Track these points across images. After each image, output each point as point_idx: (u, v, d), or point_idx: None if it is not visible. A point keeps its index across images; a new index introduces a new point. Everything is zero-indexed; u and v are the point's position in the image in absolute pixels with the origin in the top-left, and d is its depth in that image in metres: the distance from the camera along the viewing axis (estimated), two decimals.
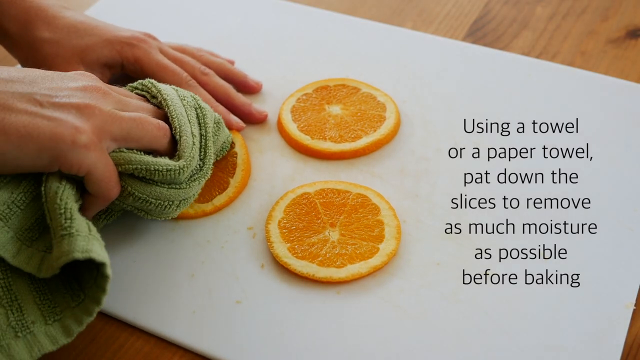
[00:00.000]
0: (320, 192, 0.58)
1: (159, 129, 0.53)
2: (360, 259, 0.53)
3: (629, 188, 0.58)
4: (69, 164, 0.48)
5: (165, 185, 0.52)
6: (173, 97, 0.56)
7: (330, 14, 0.78)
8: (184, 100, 0.56)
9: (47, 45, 0.62)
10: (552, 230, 0.56)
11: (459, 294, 0.52)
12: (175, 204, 0.54)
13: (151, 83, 0.57)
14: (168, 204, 0.53)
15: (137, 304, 0.53)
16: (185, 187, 0.53)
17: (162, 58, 0.64)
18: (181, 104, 0.56)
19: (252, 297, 0.53)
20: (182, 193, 0.53)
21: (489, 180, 0.60)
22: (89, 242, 0.46)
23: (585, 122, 0.64)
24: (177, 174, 0.52)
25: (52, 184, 0.49)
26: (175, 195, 0.53)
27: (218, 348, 0.50)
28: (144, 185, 0.52)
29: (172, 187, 0.53)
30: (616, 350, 0.49)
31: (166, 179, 0.52)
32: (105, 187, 0.50)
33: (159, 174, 0.51)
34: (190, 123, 0.55)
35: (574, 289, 0.52)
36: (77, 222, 0.47)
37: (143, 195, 0.52)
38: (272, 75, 0.70)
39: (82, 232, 0.47)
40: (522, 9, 0.78)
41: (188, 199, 0.55)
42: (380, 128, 0.63)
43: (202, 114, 0.56)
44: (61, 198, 0.48)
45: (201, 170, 0.55)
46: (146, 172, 0.51)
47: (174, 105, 0.55)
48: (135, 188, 0.52)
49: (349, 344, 0.50)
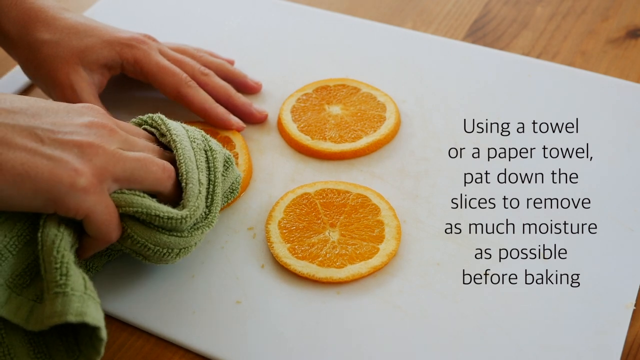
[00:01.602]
0: (320, 193, 0.58)
1: (163, 171, 0.51)
2: (360, 259, 0.53)
3: (629, 188, 0.58)
4: (66, 207, 0.46)
5: (166, 232, 0.50)
6: (183, 138, 0.53)
7: (330, 14, 0.78)
8: (194, 142, 0.54)
9: (46, 46, 0.61)
10: (552, 230, 0.56)
11: (459, 294, 0.52)
12: (175, 252, 0.51)
13: (161, 120, 0.55)
14: (167, 252, 0.50)
15: (137, 304, 0.53)
16: (187, 236, 0.51)
17: (162, 59, 0.64)
18: (190, 146, 0.53)
19: (252, 297, 0.53)
20: (183, 241, 0.51)
21: (489, 180, 0.60)
22: (84, 303, 0.44)
23: (585, 122, 0.64)
24: (178, 223, 0.49)
25: (49, 231, 0.47)
26: (176, 243, 0.50)
27: (218, 348, 0.50)
28: (144, 229, 0.49)
29: (172, 235, 0.50)
30: (616, 350, 0.49)
31: (167, 226, 0.50)
32: (104, 231, 0.48)
33: (159, 220, 0.49)
34: (199, 169, 0.52)
35: (574, 289, 0.52)
36: (73, 278, 0.45)
37: (142, 240, 0.49)
38: (272, 75, 0.70)
39: (77, 291, 0.44)
40: (522, 9, 0.78)
41: (189, 247, 0.52)
42: (381, 128, 0.63)
43: (213, 157, 0.54)
44: (58, 250, 0.46)
45: (206, 219, 0.52)
46: (147, 216, 0.49)
47: (182, 149, 0.52)
48: (134, 231, 0.49)
49: (349, 344, 0.50)
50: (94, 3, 0.81)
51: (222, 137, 0.63)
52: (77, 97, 0.61)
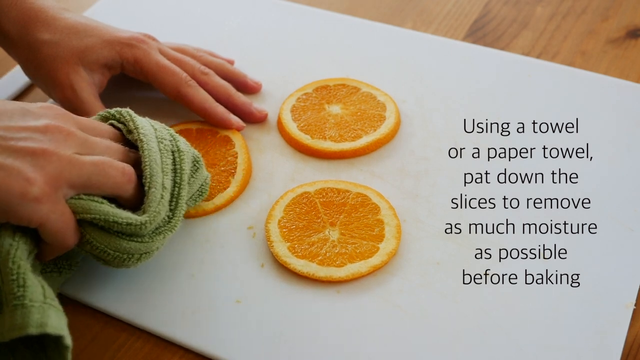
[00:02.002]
0: (320, 192, 0.58)
1: (123, 175, 0.49)
2: (360, 258, 0.53)
3: (629, 188, 0.58)
4: (19, 217, 0.46)
5: (126, 237, 0.49)
6: (150, 138, 0.52)
7: (330, 14, 0.78)
8: (162, 142, 0.52)
9: (46, 46, 0.61)
10: (552, 230, 0.56)
11: (459, 294, 0.52)
12: (136, 257, 0.50)
13: (129, 115, 0.54)
14: (127, 257, 0.49)
15: (137, 304, 0.53)
16: (147, 241, 0.50)
17: (162, 59, 0.64)
18: (157, 147, 0.51)
19: (252, 296, 0.53)
20: (144, 247, 0.50)
21: (489, 180, 0.60)
22: (44, 313, 0.43)
23: (585, 122, 0.64)
24: (138, 229, 0.48)
25: (4, 241, 0.46)
26: (136, 248, 0.49)
27: (218, 348, 0.50)
28: (103, 235, 0.48)
29: (132, 240, 0.49)
30: (616, 350, 0.49)
31: (126, 232, 0.48)
32: (60, 238, 0.47)
33: (118, 226, 0.48)
34: (164, 172, 0.51)
35: (574, 289, 0.52)
36: (31, 289, 0.44)
37: (101, 246, 0.48)
38: (272, 75, 0.70)
39: (37, 302, 0.44)
40: (522, 9, 0.78)
41: (150, 252, 0.51)
42: (380, 127, 0.63)
43: (180, 159, 0.52)
44: (14, 260, 0.45)
45: (169, 223, 0.51)
46: (105, 222, 0.48)
47: (149, 150, 0.51)
48: (93, 237, 0.48)
49: (348, 344, 0.50)
50: (94, 3, 0.81)
51: (222, 136, 0.63)
52: (77, 97, 0.61)
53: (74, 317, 0.53)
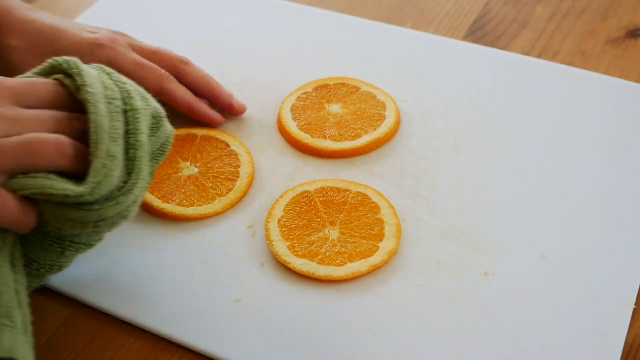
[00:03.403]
0: (320, 191, 0.58)
1: (57, 151, 0.45)
2: (360, 257, 0.53)
3: (629, 188, 0.58)
4: None
5: (75, 207, 0.45)
6: (98, 99, 0.47)
7: (330, 14, 0.78)
8: (112, 104, 0.47)
9: (15, 53, 0.60)
10: (552, 230, 0.56)
11: (459, 294, 0.52)
12: (90, 227, 0.46)
13: (77, 68, 0.48)
14: (82, 226, 0.46)
15: (137, 304, 0.53)
16: (97, 209, 0.45)
17: (137, 57, 0.62)
18: (107, 110, 0.47)
19: (252, 295, 0.53)
20: (95, 215, 0.45)
21: (489, 180, 0.60)
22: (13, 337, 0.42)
23: (585, 122, 0.64)
24: (77, 199, 0.45)
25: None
26: (87, 217, 0.45)
27: (218, 348, 0.50)
28: (52, 206, 0.46)
29: (82, 209, 0.45)
30: (616, 350, 0.49)
31: (67, 203, 0.45)
32: (8, 222, 0.45)
33: (56, 197, 0.45)
34: (111, 138, 0.46)
35: (574, 289, 0.52)
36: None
37: (54, 217, 0.46)
38: (272, 75, 0.70)
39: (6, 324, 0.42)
40: (522, 9, 0.78)
41: (110, 219, 0.46)
42: (381, 127, 0.63)
43: (134, 119, 0.48)
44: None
45: (122, 189, 0.46)
46: (42, 195, 0.45)
47: (95, 114, 0.46)
48: (45, 210, 0.46)
49: (348, 343, 0.50)
50: (94, 2, 0.81)
51: (220, 141, 0.63)
52: None
53: (74, 317, 0.53)
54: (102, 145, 0.45)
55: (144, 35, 0.73)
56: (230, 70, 0.71)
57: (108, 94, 0.48)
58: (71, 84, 0.49)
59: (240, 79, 0.70)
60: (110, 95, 0.48)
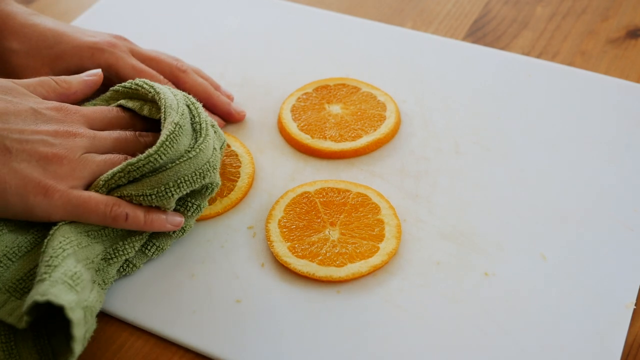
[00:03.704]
0: (320, 191, 0.58)
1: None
2: (360, 258, 0.53)
3: (629, 188, 0.58)
4: (38, 217, 0.50)
5: (150, 174, 0.51)
6: (167, 94, 0.55)
7: (330, 14, 0.78)
8: (176, 95, 0.56)
9: (15, 56, 0.61)
10: (552, 230, 0.56)
11: (459, 294, 0.52)
12: (172, 186, 0.51)
13: (147, 83, 0.57)
14: (165, 189, 0.51)
15: (137, 304, 0.53)
16: (172, 166, 0.51)
17: (137, 62, 0.63)
18: (174, 98, 0.55)
19: (252, 296, 0.53)
20: (171, 173, 0.51)
21: (489, 180, 0.60)
22: (54, 286, 0.45)
23: (585, 122, 0.64)
24: (149, 162, 0.51)
25: (56, 237, 0.49)
26: (165, 178, 0.51)
27: (218, 348, 0.50)
28: (133, 185, 0.52)
29: (158, 172, 0.51)
30: (616, 350, 0.49)
31: (144, 171, 0.51)
32: (95, 219, 0.51)
33: (133, 167, 0.51)
34: (178, 113, 0.53)
35: (574, 289, 0.52)
36: (58, 269, 0.46)
37: (137, 192, 0.51)
38: (272, 75, 0.70)
39: (53, 278, 0.46)
40: (522, 9, 0.78)
41: (184, 178, 0.52)
42: (381, 127, 0.63)
43: (196, 106, 0.55)
44: (54, 248, 0.48)
45: (190, 151, 0.52)
46: (125, 175, 0.51)
47: (165, 99, 0.54)
48: (128, 192, 0.52)
49: (349, 343, 0.50)
50: (94, 3, 0.81)
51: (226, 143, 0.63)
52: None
53: None
54: (169, 118, 0.53)
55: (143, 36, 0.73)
56: (230, 70, 0.71)
57: (173, 91, 0.56)
58: (134, 105, 0.57)
59: (240, 79, 0.70)
60: (174, 93, 0.56)
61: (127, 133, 0.56)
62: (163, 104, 0.54)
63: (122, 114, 0.57)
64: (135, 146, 0.55)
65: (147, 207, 0.52)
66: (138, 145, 0.55)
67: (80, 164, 0.52)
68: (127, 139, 0.55)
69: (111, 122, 0.56)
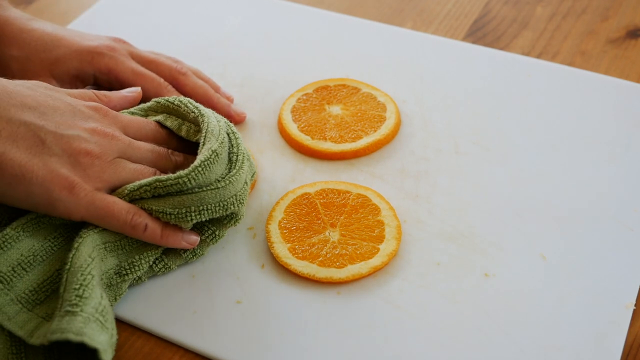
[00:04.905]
0: (320, 193, 0.58)
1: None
2: (360, 259, 0.53)
3: (629, 188, 0.58)
4: (59, 212, 0.49)
5: (176, 194, 0.51)
6: (210, 118, 0.55)
7: (330, 14, 0.78)
8: (219, 121, 0.55)
9: (15, 62, 0.61)
10: (552, 230, 0.56)
11: (459, 294, 0.52)
12: (194, 210, 0.51)
13: (192, 103, 0.56)
14: (186, 211, 0.51)
15: (137, 304, 0.53)
16: (198, 192, 0.51)
17: (137, 65, 0.63)
18: (216, 123, 0.54)
19: (252, 297, 0.53)
20: (195, 198, 0.51)
21: (489, 180, 0.60)
22: (88, 324, 0.44)
23: (585, 122, 0.64)
24: (179, 183, 0.50)
25: (81, 255, 0.48)
26: (189, 201, 0.51)
27: (218, 348, 0.50)
28: (156, 200, 0.51)
29: (183, 193, 0.51)
30: (616, 350, 0.49)
31: (172, 191, 0.51)
32: (115, 225, 0.50)
33: (164, 188, 0.50)
34: (218, 140, 0.53)
35: (574, 289, 0.52)
36: (88, 301, 0.46)
37: (159, 208, 0.51)
38: (272, 75, 0.70)
39: (86, 313, 0.45)
40: (522, 9, 0.78)
41: (207, 206, 0.51)
42: (381, 128, 0.63)
43: (235, 136, 0.55)
44: (83, 273, 0.47)
45: (220, 181, 0.52)
46: (150, 187, 0.51)
47: (208, 123, 0.54)
48: (150, 205, 0.51)
49: (349, 344, 0.50)
50: (94, 3, 0.81)
51: None
52: None
53: None
54: (208, 143, 0.52)
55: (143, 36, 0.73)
56: (231, 70, 0.71)
57: (217, 117, 0.56)
58: (172, 123, 0.57)
59: (240, 79, 0.70)
60: (218, 118, 0.56)
61: (161, 148, 0.56)
62: (205, 127, 0.53)
63: (159, 129, 0.57)
64: (167, 163, 0.55)
65: (165, 222, 0.52)
66: (169, 162, 0.55)
67: (111, 167, 0.51)
68: (160, 154, 0.55)
69: (147, 134, 0.56)
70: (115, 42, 0.64)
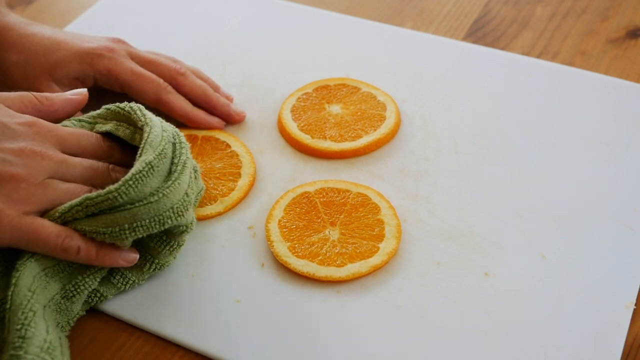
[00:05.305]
0: (320, 191, 0.58)
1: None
2: (360, 258, 0.53)
3: (629, 188, 0.58)
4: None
5: (108, 211, 0.48)
6: (157, 129, 0.52)
7: (330, 14, 0.78)
8: (166, 131, 0.52)
9: (15, 67, 0.61)
10: (552, 230, 0.56)
11: (459, 294, 0.52)
12: (127, 228, 0.48)
13: (140, 110, 0.53)
14: (120, 230, 0.48)
15: (137, 304, 0.53)
16: (130, 208, 0.48)
17: (136, 66, 0.62)
18: (160, 133, 0.51)
19: (252, 296, 0.53)
20: (128, 215, 0.48)
21: (489, 180, 0.60)
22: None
23: (585, 122, 0.64)
24: (107, 197, 0.47)
25: (20, 290, 0.46)
26: (122, 218, 0.48)
27: (218, 348, 0.50)
28: (88, 220, 0.49)
29: (116, 211, 0.48)
30: (616, 350, 0.49)
31: (102, 208, 0.48)
32: (45, 249, 0.48)
33: (95, 206, 0.48)
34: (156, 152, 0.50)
35: (574, 289, 0.52)
36: (31, 341, 0.44)
37: (91, 229, 0.49)
38: (272, 75, 0.70)
39: (31, 354, 0.43)
40: (522, 9, 0.78)
41: (141, 222, 0.48)
42: (381, 127, 0.63)
43: (181, 148, 0.52)
44: (23, 311, 0.45)
45: (153, 194, 0.48)
46: (81, 207, 0.48)
47: (150, 133, 0.51)
48: (82, 226, 0.49)
49: (349, 344, 0.50)
50: (94, 3, 0.81)
51: (221, 141, 0.63)
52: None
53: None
54: (144, 155, 0.49)
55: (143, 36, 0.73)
56: (230, 70, 0.71)
57: (164, 126, 0.53)
58: (124, 132, 0.54)
59: (240, 79, 0.70)
60: (165, 128, 0.53)
61: (100, 164, 0.53)
62: (145, 137, 0.50)
63: (101, 143, 0.54)
64: (105, 179, 0.52)
65: (101, 242, 0.49)
66: (108, 179, 0.52)
67: (39, 189, 0.48)
68: (97, 170, 0.52)
69: (86, 148, 0.53)
70: (114, 42, 0.64)
